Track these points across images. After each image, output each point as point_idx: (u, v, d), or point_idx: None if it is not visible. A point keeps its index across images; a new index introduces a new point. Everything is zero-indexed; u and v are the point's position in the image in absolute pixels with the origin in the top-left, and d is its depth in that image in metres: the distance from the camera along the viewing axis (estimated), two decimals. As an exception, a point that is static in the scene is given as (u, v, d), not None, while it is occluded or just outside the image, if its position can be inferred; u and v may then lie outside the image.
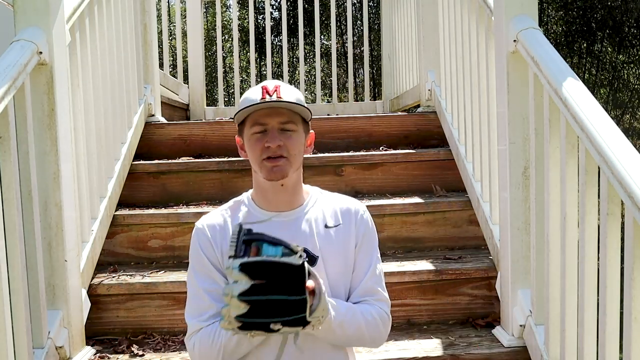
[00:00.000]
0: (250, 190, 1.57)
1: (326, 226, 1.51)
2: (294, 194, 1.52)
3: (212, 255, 1.48)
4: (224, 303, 1.19)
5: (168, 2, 4.63)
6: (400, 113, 3.99)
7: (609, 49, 9.17)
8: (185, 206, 2.85)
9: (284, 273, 1.19)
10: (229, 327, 1.20)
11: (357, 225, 1.54)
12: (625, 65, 9.30)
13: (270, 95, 1.45)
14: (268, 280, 1.18)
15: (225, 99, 5.31)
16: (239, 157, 3.00)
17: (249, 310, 1.17)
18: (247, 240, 1.23)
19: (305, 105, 1.50)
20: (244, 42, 10.03)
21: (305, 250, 1.43)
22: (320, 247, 1.48)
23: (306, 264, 1.22)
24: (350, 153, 3.07)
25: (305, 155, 1.53)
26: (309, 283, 1.26)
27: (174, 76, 4.55)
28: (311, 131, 1.56)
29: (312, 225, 1.50)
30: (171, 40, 6.54)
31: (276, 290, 1.19)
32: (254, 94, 1.48)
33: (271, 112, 1.45)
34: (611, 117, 1.58)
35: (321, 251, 1.48)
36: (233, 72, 4.75)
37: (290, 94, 1.47)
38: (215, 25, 5.30)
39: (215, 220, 1.52)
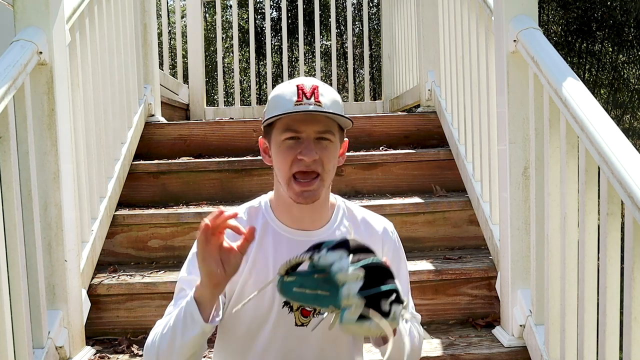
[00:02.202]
0: (270, 194, 1.42)
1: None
2: (322, 211, 1.39)
3: None
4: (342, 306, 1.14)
5: (168, 2, 4.62)
6: (400, 113, 3.99)
7: (609, 49, 9.17)
8: (185, 206, 2.85)
9: (383, 271, 1.16)
10: (353, 326, 1.13)
11: (385, 245, 1.43)
12: (625, 65, 9.30)
13: (308, 98, 1.28)
14: (373, 276, 1.14)
15: (225, 99, 5.31)
16: (239, 157, 3.03)
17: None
18: (335, 246, 1.17)
19: (346, 114, 1.33)
20: (244, 42, 10.03)
21: None
22: None
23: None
24: (350, 153, 3.07)
25: None
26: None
27: (174, 76, 4.55)
28: (345, 139, 1.40)
29: None
30: (171, 40, 6.53)
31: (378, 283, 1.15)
32: (288, 93, 1.30)
33: (307, 118, 1.29)
34: (611, 117, 1.58)
35: None
36: (233, 72, 4.75)
37: (329, 98, 1.30)
38: (215, 25, 5.30)
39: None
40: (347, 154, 3.17)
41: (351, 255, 1.14)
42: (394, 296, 1.14)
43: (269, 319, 1.38)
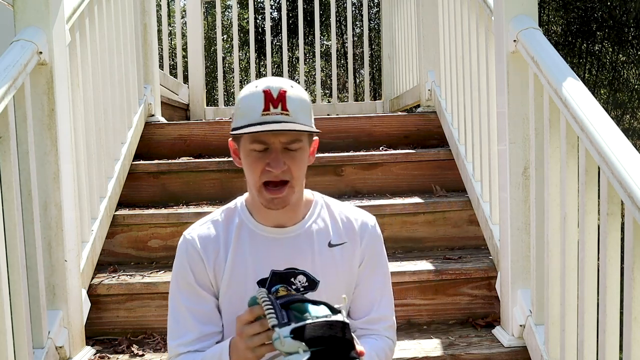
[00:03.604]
0: (245, 195, 1.44)
1: (330, 244, 1.39)
2: (296, 210, 1.39)
3: (201, 272, 1.38)
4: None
5: (168, 2, 4.62)
6: (400, 113, 3.99)
7: (609, 49, 9.17)
8: (185, 206, 2.85)
9: (338, 334, 1.09)
10: None
11: (364, 240, 1.41)
12: (625, 65, 9.30)
13: (275, 107, 1.26)
14: (325, 344, 1.07)
15: (225, 99, 5.32)
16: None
17: None
18: (284, 305, 1.14)
19: (312, 119, 1.33)
20: (244, 42, 10.03)
21: (304, 274, 1.37)
22: (322, 268, 1.37)
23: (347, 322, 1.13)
24: (350, 153, 3.07)
25: None
26: (359, 348, 1.17)
27: (174, 76, 4.55)
28: (315, 138, 1.40)
29: (314, 243, 1.38)
30: (171, 40, 6.53)
31: (335, 354, 1.08)
32: (254, 101, 1.28)
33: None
34: (611, 117, 1.58)
35: (322, 273, 1.37)
36: (233, 72, 4.75)
37: (297, 103, 1.29)
38: (215, 25, 5.30)
39: (207, 232, 1.40)
40: (347, 154, 3.16)
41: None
42: None
43: None
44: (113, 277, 2.40)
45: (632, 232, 1.32)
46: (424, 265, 2.41)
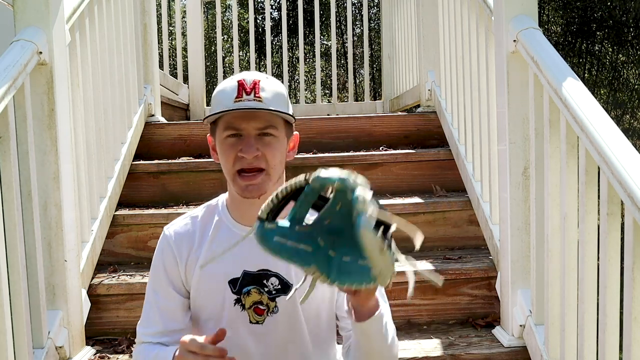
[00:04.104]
0: (227, 194, 1.43)
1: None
2: None
3: (173, 269, 1.39)
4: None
5: (168, 2, 4.62)
6: (400, 113, 3.99)
7: (609, 49, 9.17)
8: (185, 206, 2.84)
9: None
10: (369, 234, 1.02)
11: None
12: (625, 65, 9.30)
13: (248, 94, 1.27)
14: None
15: (225, 99, 5.30)
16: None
17: None
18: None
19: (288, 110, 1.32)
20: (244, 42, 10.02)
21: (277, 277, 1.35)
22: (297, 272, 1.34)
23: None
24: (350, 153, 3.07)
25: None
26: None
27: (174, 76, 4.55)
28: (295, 132, 1.38)
29: None
30: (171, 40, 6.53)
31: None
32: (228, 89, 1.30)
33: (247, 114, 1.28)
34: (611, 117, 1.58)
35: (297, 278, 1.34)
36: (233, 72, 4.76)
37: (271, 92, 1.29)
38: (215, 25, 5.30)
39: (184, 228, 1.40)
40: (347, 154, 3.16)
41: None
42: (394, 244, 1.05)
43: (222, 317, 1.38)
44: (113, 277, 2.40)
45: (632, 232, 1.32)
46: (424, 265, 2.41)
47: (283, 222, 1.07)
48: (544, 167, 1.88)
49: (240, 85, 1.28)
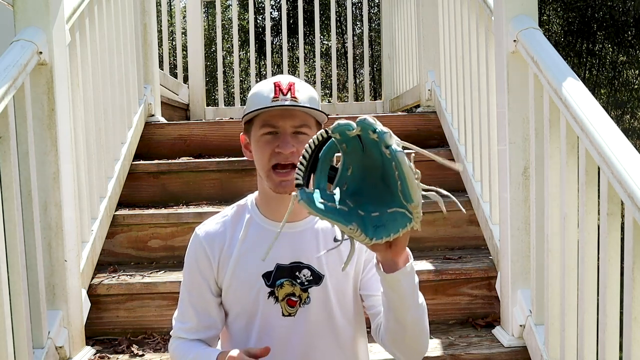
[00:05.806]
0: (256, 193, 1.48)
1: (335, 239, 1.36)
2: None
3: (206, 268, 1.43)
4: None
5: (168, 2, 4.62)
6: (400, 113, 3.99)
7: (609, 49, 9.17)
8: (185, 206, 2.85)
9: None
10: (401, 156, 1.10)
11: None
12: (625, 65, 9.30)
13: (284, 94, 1.34)
14: None
15: (225, 99, 5.31)
16: (239, 157, 3.03)
17: None
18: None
19: (320, 108, 1.40)
20: (244, 42, 10.03)
21: (309, 268, 1.40)
22: (328, 263, 1.40)
23: None
24: (350, 153, 3.06)
25: None
26: None
27: (174, 76, 4.55)
28: None
29: (320, 238, 1.42)
30: (171, 40, 6.53)
31: None
32: (265, 90, 1.37)
33: (284, 113, 1.35)
34: (611, 117, 1.58)
35: (328, 268, 1.40)
36: (233, 72, 4.76)
37: (306, 93, 1.37)
38: (215, 25, 5.30)
39: (215, 228, 1.45)
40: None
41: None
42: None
43: (257, 311, 1.42)
44: (113, 277, 2.40)
45: (632, 232, 1.32)
46: (424, 265, 2.41)
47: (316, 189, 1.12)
48: (544, 167, 1.88)
49: (277, 86, 1.35)
